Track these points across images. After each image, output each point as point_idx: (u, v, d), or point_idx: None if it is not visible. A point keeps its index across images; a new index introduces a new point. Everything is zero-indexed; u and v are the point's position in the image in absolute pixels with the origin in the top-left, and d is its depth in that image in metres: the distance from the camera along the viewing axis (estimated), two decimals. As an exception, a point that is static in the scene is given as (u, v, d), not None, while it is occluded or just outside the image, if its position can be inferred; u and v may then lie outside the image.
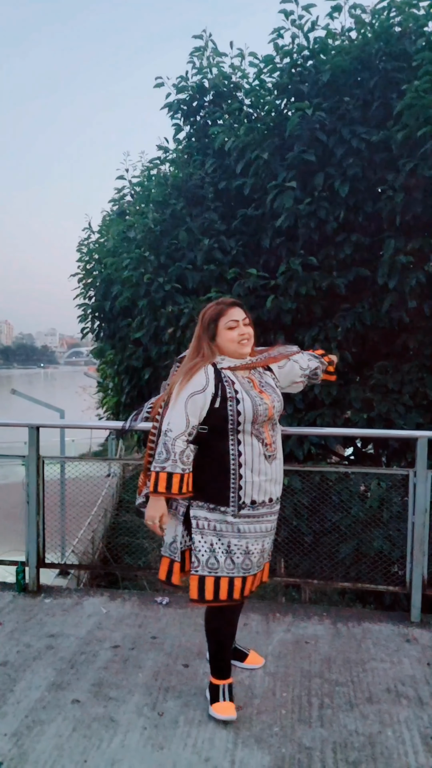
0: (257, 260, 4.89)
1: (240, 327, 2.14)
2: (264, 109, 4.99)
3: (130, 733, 2.07)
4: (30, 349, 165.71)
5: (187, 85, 5.47)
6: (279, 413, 2.18)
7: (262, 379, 2.19)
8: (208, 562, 2.09)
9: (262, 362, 2.23)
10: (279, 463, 2.20)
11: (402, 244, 4.19)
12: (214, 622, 2.21)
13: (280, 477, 2.22)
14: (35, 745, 2.01)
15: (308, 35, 4.66)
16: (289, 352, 2.35)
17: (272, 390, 2.18)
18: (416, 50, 4.22)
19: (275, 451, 2.17)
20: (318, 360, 2.44)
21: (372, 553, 3.81)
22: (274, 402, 2.14)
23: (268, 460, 2.13)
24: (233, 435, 2.07)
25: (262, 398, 2.10)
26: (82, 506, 4.28)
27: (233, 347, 2.13)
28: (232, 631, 2.26)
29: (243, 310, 2.19)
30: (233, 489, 2.08)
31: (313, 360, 2.42)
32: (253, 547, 2.12)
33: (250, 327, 2.19)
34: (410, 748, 2.01)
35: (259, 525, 2.14)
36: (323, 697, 2.30)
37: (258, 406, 2.08)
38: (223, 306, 2.17)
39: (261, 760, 1.94)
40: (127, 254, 5.28)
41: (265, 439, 2.12)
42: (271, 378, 2.23)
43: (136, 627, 2.86)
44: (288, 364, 2.31)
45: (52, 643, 2.69)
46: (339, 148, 4.29)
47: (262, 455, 2.11)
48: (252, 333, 2.18)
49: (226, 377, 2.10)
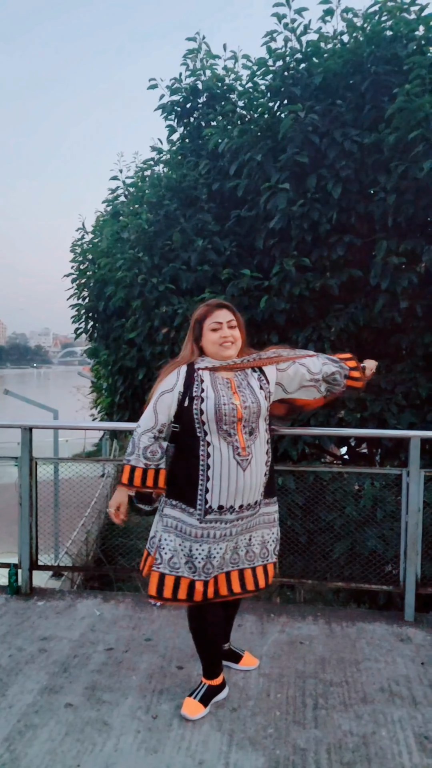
0: (251, 261, 4.89)
1: (223, 329, 2.12)
2: (257, 111, 5.00)
3: (124, 737, 2.06)
4: (23, 348, 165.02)
5: (181, 87, 5.48)
6: (255, 416, 2.09)
7: (244, 381, 2.13)
8: (171, 561, 2.11)
9: (247, 364, 2.16)
10: (255, 471, 2.09)
11: (394, 245, 4.20)
12: (192, 621, 2.23)
13: (256, 484, 2.11)
14: (27, 749, 2.00)
15: (301, 39, 4.68)
16: (287, 355, 2.26)
17: (251, 392, 2.11)
18: (407, 54, 4.25)
19: (249, 457, 2.07)
20: (337, 364, 2.31)
21: (366, 553, 3.82)
22: (247, 404, 2.07)
23: (241, 466, 2.05)
24: (202, 435, 2.06)
25: (230, 398, 2.05)
26: (75, 507, 4.27)
27: (214, 349, 2.13)
28: (213, 631, 2.23)
29: (231, 312, 2.16)
30: (200, 491, 2.06)
31: (330, 364, 2.29)
32: (215, 551, 2.09)
33: (237, 330, 2.15)
34: (404, 748, 2.02)
35: (224, 530, 2.09)
36: (318, 698, 2.30)
37: (222, 406, 2.03)
38: (209, 307, 2.16)
39: (255, 761, 1.94)
40: (121, 255, 5.28)
41: (236, 443, 2.05)
42: (258, 380, 2.16)
43: (130, 629, 2.85)
44: (292, 367, 2.22)
45: (44, 647, 2.68)
46: (331, 150, 4.30)
47: (233, 460, 2.04)
48: (238, 336, 2.15)
49: (198, 377, 2.11)
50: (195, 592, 2.09)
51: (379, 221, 4.38)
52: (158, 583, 2.11)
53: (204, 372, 2.13)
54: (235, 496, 2.06)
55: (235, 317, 2.17)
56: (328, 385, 2.28)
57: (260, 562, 2.23)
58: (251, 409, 2.07)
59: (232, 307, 2.20)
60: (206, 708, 2.19)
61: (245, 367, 2.16)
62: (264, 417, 2.15)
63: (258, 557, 2.23)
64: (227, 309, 2.16)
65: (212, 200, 5.13)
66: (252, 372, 2.17)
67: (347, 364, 2.35)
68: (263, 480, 2.14)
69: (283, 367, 2.22)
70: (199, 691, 2.22)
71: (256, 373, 2.18)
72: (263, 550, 2.24)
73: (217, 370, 2.13)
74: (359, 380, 2.34)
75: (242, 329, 2.19)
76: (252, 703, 2.27)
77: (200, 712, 2.16)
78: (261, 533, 2.24)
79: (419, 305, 4.27)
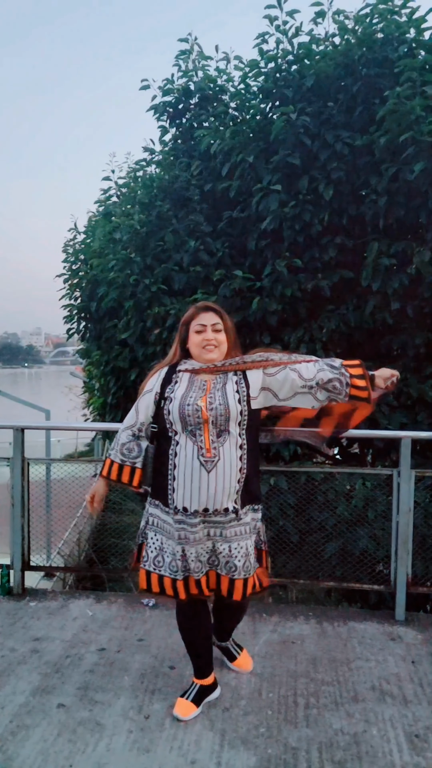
0: (243, 262, 4.91)
1: (207, 332, 2.10)
2: (249, 112, 5.01)
3: (116, 737, 2.07)
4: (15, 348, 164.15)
5: (173, 88, 5.48)
6: (224, 419, 2.01)
7: (220, 384, 2.08)
8: (155, 559, 2.16)
9: (228, 367, 2.10)
10: (223, 474, 2.02)
11: (385, 246, 4.23)
12: (179, 616, 2.26)
13: (225, 488, 2.02)
14: (20, 750, 2.00)
15: (292, 41, 4.69)
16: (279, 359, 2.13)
17: (222, 395, 2.04)
18: (398, 57, 4.27)
19: (215, 459, 2.01)
20: (336, 371, 2.10)
21: (357, 553, 3.84)
22: (214, 405, 2.01)
23: (204, 467, 2.01)
24: (173, 435, 2.08)
25: (196, 400, 2.02)
26: (67, 508, 4.27)
27: (197, 351, 2.12)
28: (200, 629, 2.23)
29: (217, 316, 2.13)
30: (169, 491, 2.08)
31: (327, 371, 2.10)
32: (189, 553, 2.09)
33: (222, 334, 2.12)
34: (395, 746, 2.04)
35: (193, 533, 2.06)
36: (309, 697, 2.32)
37: (186, 407, 2.02)
38: (196, 310, 2.16)
39: (247, 761, 1.96)
40: (113, 255, 5.27)
41: (201, 444, 2.02)
42: (236, 384, 2.07)
43: (122, 629, 2.85)
44: (282, 372, 2.10)
45: (37, 647, 2.68)
46: (323, 152, 4.33)
47: (196, 461, 2.01)
48: (222, 340, 2.12)
49: (176, 378, 2.12)
50: (177, 590, 2.12)
51: (370, 223, 4.41)
52: (146, 579, 2.18)
53: (184, 374, 2.13)
54: (199, 499, 2.02)
55: (222, 321, 2.13)
56: (328, 393, 2.11)
57: (242, 576, 2.11)
58: (218, 411, 2.00)
59: (220, 310, 2.16)
60: (198, 708, 2.20)
61: (226, 370, 2.10)
62: (238, 421, 2.03)
63: (241, 570, 2.10)
64: (214, 312, 2.14)
65: (204, 201, 5.13)
66: (233, 375, 2.10)
67: (350, 371, 2.12)
68: (236, 486, 2.04)
69: (272, 371, 2.11)
70: (190, 691, 2.24)
71: (236, 376, 2.10)
72: (246, 563, 2.11)
73: (197, 373, 2.12)
74: (364, 390, 2.10)
75: (230, 333, 2.15)
76: (244, 702, 2.28)
77: (192, 713, 2.17)
78: (245, 544, 2.11)
79: (410, 306, 4.30)
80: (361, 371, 2.12)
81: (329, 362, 2.14)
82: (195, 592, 2.13)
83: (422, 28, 4.38)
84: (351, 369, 2.12)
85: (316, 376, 2.09)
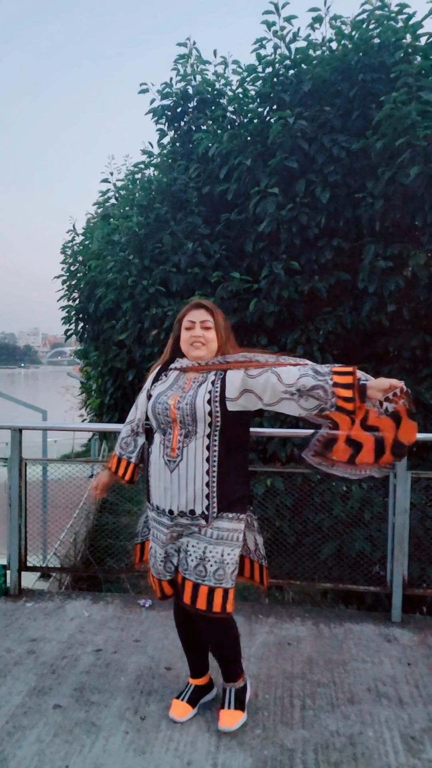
0: (240, 264, 4.93)
1: (195, 329, 2.05)
2: (247, 116, 5.04)
3: (112, 738, 2.07)
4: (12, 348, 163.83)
5: (172, 92, 5.51)
6: (190, 419, 1.95)
7: (197, 383, 2.01)
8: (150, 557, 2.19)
9: (211, 366, 2.03)
10: (185, 475, 1.96)
11: (381, 249, 4.26)
12: (175, 614, 2.29)
13: (188, 490, 1.96)
14: (16, 750, 2.00)
15: (290, 46, 4.73)
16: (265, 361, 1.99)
17: (193, 394, 1.97)
18: (394, 62, 4.30)
19: (177, 459, 1.97)
20: (320, 379, 1.84)
21: (354, 554, 3.86)
22: (181, 404, 1.96)
23: (168, 466, 1.99)
24: (153, 433, 2.11)
25: (168, 398, 2.00)
26: (64, 508, 4.27)
27: (185, 348, 2.09)
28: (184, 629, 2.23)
29: (208, 313, 2.07)
30: (150, 487, 2.11)
31: (310, 376, 1.85)
32: (159, 553, 2.09)
33: (211, 331, 2.05)
34: (390, 748, 2.04)
35: (164, 534, 2.05)
36: (305, 699, 2.32)
37: (158, 405, 2.02)
38: (188, 306, 2.13)
39: (243, 762, 1.96)
40: (112, 257, 5.29)
41: (168, 443, 2.00)
42: (212, 383, 1.98)
43: (118, 630, 2.86)
44: (264, 374, 1.93)
45: (33, 648, 2.68)
46: (320, 155, 4.36)
47: (162, 459, 2.01)
48: (211, 338, 2.05)
49: (163, 376, 2.13)
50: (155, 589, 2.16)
51: (366, 226, 4.43)
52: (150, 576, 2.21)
53: (173, 372, 2.12)
54: (165, 498, 2.01)
55: (213, 318, 2.07)
56: (316, 401, 1.86)
57: (212, 584, 1.97)
58: (184, 411, 1.95)
59: (212, 307, 2.10)
60: (194, 709, 2.20)
61: (208, 369, 2.03)
62: (208, 422, 1.94)
63: (211, 577, 1.97)
64: (205, 309, 2.08)
65: (202, 204, 5.16)
66: (213, 375, 2.02)
67: (336, 379, 1.83)
68: (203, 489, 1.96)
69: (254, 373, 1.95)
70: (186, 692, 2.24)
71: (215, 376, 2.01)
72: (219, 570, 1.98)
73: (185, 371, 2.08)
74: (349, 401, 1.81)
75: (220, 331, 2.07)
76: (240, 703, 2.29)
77: (188, 714, 2.18)
78: (221, 550, 1.98)
79: (406, 308, 4.33)
80: (350, 380, 1.81)
81: (316, 368, 1.89)
82: (169, 593, 2.14)
83: (418, 34, 4.40)
84: (339, 377, 1.83)
85: (297, 381, 1.87)
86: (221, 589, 1.97)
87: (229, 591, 1.99)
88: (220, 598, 1.97)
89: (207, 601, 1.97)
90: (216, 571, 1.97)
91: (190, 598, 1.98)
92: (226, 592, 1.98)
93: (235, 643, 2.16)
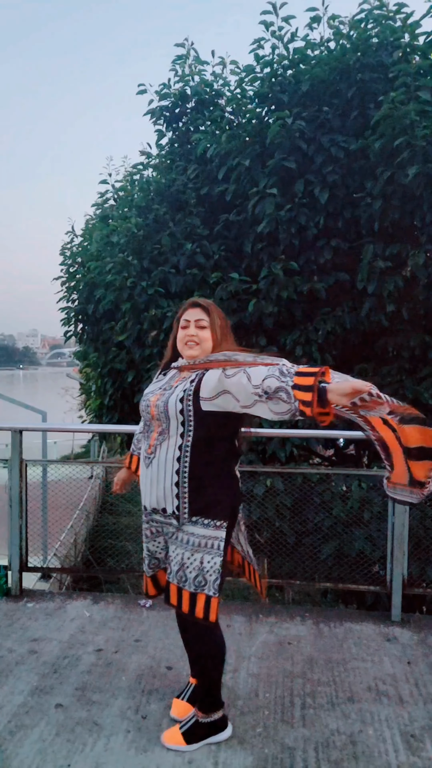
0: (239, 265, 4.94)
1: (189, 328, 2.01)
2: (245, 116, 5.05)
3: (114, 737, 2.08)
4: (11, 350, 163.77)
5: (170, 92, 5.52)
6: (164, 416, 1.92)
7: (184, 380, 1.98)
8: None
9: (199, 365, 1.99)
10: (157, 473, 1.95)
11: (380, 249, 4.27)
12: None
13: (160, 488, 1.95)
14: (18, 749, 2.01)
15: (288, 46, 4.74)
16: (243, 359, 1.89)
17: (171, 392, 1.95)
18: (392, 62, 4.32)
19: (152, 456, 1.97)
20: (282, 380, 1.68)
21: (353, 554, 3.87)
22: (158, 402, 1.95)
23: (145, 462, 2.01)
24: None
25: (152, 395, 2.02)
26: (64, 509, 4.28)
27: (180, 347, 2.06)
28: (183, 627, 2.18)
29: (203, 312, 2.02)
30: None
31: (275, 378, 1.70)
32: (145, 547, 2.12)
33: (206, 330, 2.00)
34: (391, 746, 2.05)
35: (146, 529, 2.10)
36: (305, 697, 2.33)
37: (142, 402, 2.05)
38: (185, 305, 2.10)
39: (244, 760, 1.97)
40: (111, 258, 5.30)
41: (147, 439, 2.02)
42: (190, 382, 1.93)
43: (119, 630, 2.86)
44: (238, 374, 1.82)
45: (35, 648, 2.69)
46: (318, 155, 4.37)
47: (144, 455, 2.03)
48: (206, 337, 2.00)
49: (160, 375, 2.14)
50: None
51: (365, 226, 4.44)
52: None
53: (171, 371, 2.11)
54: (143, 493, 2.04)
55: (209, 317, 2.01)
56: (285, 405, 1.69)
57: (191, 589, 1.93)
58: (159, 409, 1.94)
59: (209, 307, 2.05)
60: (194, 708, 2.21)
61: (196, 368, 1.99)
62: (181, 421, 1.90)
63: (191, 583, 1.92)
64: (201, 308, 2.03)
65: (201, 204, 5.17)
66: (196, 374, 1.97)
67: (297, 381, 1.65)
68: (172, 488, 1.92)
69: (230, 373, 1.85)
70: (186, 691, 2.24)
71: (195, 375, 1.96)
72: (198, 577, 1.92)
73: (181, 370, 2.06)
74: (307, 405, 1.62)
75: (216, 330, 2.01)
76: (241, 702, 2.29)
77: (188, 713, 2.17)
78: (200, 557, 1.92)
79: (405, 308, 4.34)
80: (310, 381, 1.62)
81: (283, 368, 1.73)
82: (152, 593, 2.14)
83: (416, 33, 4.43)
84: (300, 378, 1.65)
85: (263, 383, 1.72)
86: (203, 595, 1.92)
87: (212, 599, 1.92)
88: (202, 603, 1.92)
89: (190, 605, 1.93)
90: (196, 577, 1.92)
91: (176, 600, 1.97)
92: (209, 599, 1.91)
93: (214, 666, 2.04)
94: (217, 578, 1.93)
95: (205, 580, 1.92)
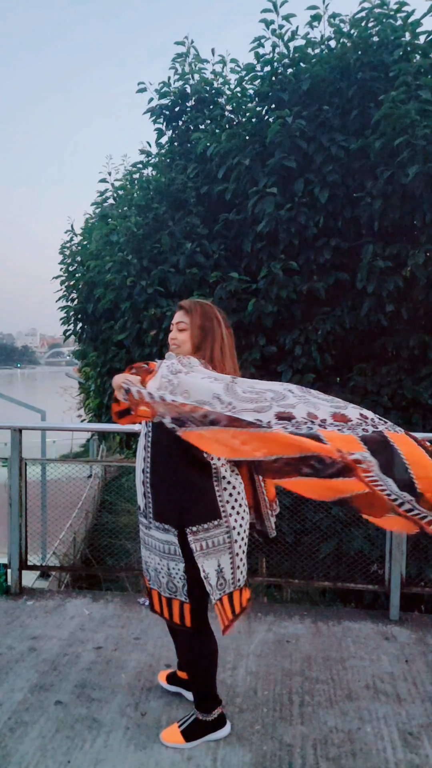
0: (239, 264, 4.94)
1: (173, 331, 2.00)
2: (245, 115, 5.05)
3: (113, 734, 2.08)
4: (10, 349, 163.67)
5: (170, 91, 5.51)
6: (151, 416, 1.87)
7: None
8: None
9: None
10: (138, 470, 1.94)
11: (380, 249, 4.27)
12: None
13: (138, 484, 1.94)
14: (18, 746, 2.02)
15: (288, 44, 4.74)
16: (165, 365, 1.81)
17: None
18: (393, 61, 4.32)
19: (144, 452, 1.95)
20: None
21: (352, 553, 3.88)
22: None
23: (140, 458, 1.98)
24: None
25: None
26: (63, 508, 4.28)
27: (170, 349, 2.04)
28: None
29: (186, 314, 1.97)
30: None
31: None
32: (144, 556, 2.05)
33: (184, 332, 1.95)
34: (388, 743, 2.06)
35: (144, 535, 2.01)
36: (304, 695, 2.34)
37: None
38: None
39: (243, 757, 1.98)
40: (110, 257, 5.30)
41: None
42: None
43: (118, 628, 2.87)
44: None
45: (34, 645, 2.70)
46: (318, 155, 4.37)
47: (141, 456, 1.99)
48: (183, 339, 1.95)
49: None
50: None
51: (365, 225, 4.45)
52: None
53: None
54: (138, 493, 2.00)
55: (190, 318, 1.96)
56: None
57: (166, 594, 1.95)
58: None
59: (190, 308, 1.98)
60: None
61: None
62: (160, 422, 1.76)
63: (165, 588, 1.94)
64: (184, 311, 1.98)
65: (200, 204, 5.17)
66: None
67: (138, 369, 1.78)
68: (141, 487, 1.94)
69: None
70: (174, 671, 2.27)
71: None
72: (170, 583, 1.92)
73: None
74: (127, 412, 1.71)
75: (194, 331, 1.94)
76: (239, 700, 2.30)
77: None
78: (166, 564, 1.92)
79: (404, 308, 4.34)
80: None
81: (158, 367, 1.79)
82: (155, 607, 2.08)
83: (417, 32, 4.42)
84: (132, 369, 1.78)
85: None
86: (177, 600, 1.92)
87: (185, 605, 1.90)
88: (177, 608, 1.92)
89: (168, 610, 1.95)
90: (167, 583, 1.93)
91: (158, 604, 1.99)
92: (182, 605, 1.91)
93: (205, 669, 2.01)
94: (184, 584, 1.89)
95: (174, 586, 1.92)
